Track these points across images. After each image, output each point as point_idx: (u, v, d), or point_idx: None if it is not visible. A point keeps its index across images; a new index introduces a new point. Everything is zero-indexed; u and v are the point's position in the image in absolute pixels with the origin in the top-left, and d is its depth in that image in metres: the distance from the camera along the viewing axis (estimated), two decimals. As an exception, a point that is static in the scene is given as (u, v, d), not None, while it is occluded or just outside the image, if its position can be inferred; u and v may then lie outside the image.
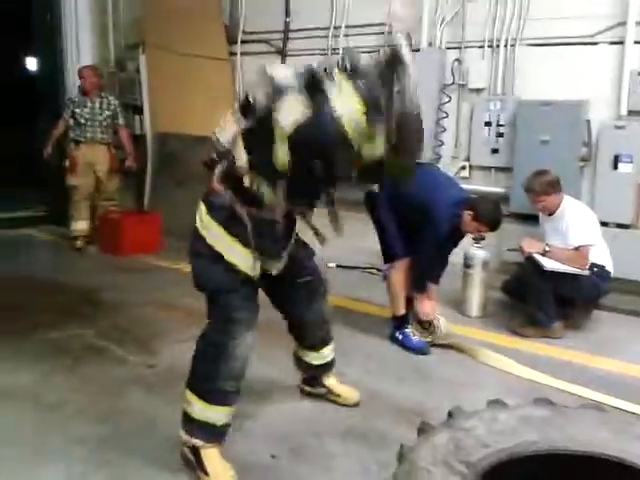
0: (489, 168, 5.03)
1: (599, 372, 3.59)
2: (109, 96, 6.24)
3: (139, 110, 7.09)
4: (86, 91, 6.10)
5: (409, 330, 3.91)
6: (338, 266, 5.63)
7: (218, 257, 2.47)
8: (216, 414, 2.49)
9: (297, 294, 2.89)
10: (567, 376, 3.47)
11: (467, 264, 4.42)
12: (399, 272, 3.86)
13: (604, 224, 4.48)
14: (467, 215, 3.65)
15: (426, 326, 3.88)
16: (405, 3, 2.20)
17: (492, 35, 4.91)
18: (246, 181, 2.41)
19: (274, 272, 2.60)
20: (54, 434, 2.79)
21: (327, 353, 3.10)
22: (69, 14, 7.07)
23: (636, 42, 4.36)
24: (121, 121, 6.26)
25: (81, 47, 7.18)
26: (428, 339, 3.87)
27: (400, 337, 3.89)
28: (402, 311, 3.94)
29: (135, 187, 7.38)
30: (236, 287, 2.48)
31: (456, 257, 4.51)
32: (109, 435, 2.79)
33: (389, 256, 3.91)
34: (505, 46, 4.85)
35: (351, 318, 4.35)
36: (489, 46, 4.93)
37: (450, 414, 2.21)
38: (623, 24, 4.38)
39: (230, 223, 2.44)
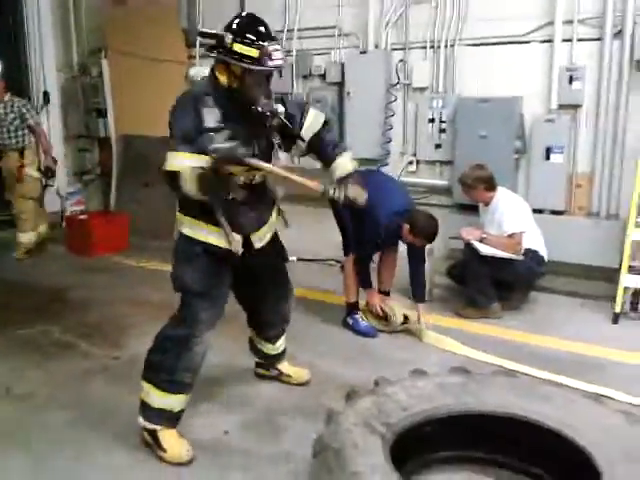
0: (434, 162, 5.32)
1: (534, 348, 3.91)
2: (14, 98, 5.91)
3: (103, 113, 7.25)
4: None
5: (358, 315, 4.21)
6: (299, 259, 5.89)
7: (190, 253, 2.70)
8: (173, 402, 2.74)
9: (266, 296, 3.16)
10: (504, 353, 3.78)
11: (412, 253, 4.72)
12: (350, 263, 4.19)
13: (539, 211, 4.81)
14: (405, 227, 3.95)
15: (382, 317, 4.16)
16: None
17: (433, 36, 5.18)
18: None
19: (257, 245, 2.81)
20: (23, 421, 3.05)
21: (279, 344, 3.38)
22: (32, 20, 7.15)
23: (564, 40, 4.65)
24: (31, 121, 5.89)
25: (44, 52, 7.29)
26: (385, 328, 4.16)
27: (350, 322, 4.21)
28: (353, 298, 4.25)
29: (101, 188, 7.59)
30: (206, 288, 2.71)
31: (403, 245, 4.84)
32: (74, 420, 3.06)
33: (347, 250, 4.23)
34: (445, 47, 5.13)
35: (307, 306, 4.63)
36: (431, 47, 5.20)
37: (376, 382, 2.52)
38: (551, 24, 4.68)
39: (194, 209, 2.66)
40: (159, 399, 2.72)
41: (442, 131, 5.14)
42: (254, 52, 2.48)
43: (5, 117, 5.80)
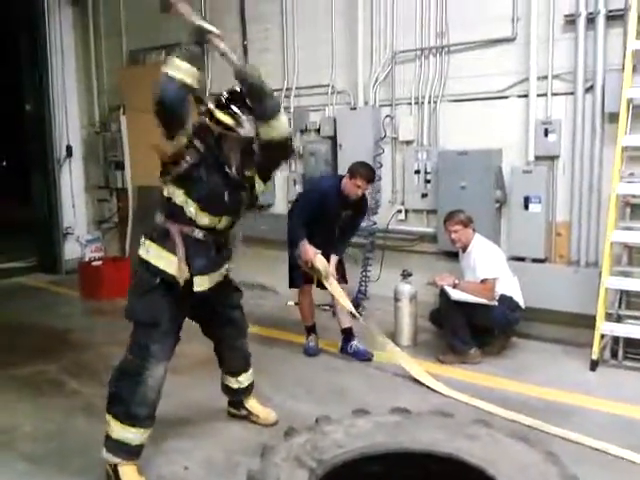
0: (421, 211, 5.51)
1: (507, 394, 3.98)
2: None
3: (121, 166, 7.72)
4: None
5: (311, 337, 4.83)
6: (296, 304, 6.08)
7: (145, 283, 2.90)
8: (130, 435, 2.89)
9: (221, 333, 3.41)
10: (476, 397, 3.87)
11: (396, 298, 4.88)
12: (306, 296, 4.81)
13: (520, 259, 4.93)
14: (344, 180, 4.45)
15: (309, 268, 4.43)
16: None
17: (418, 93, 5.44)
18: (165, 192, 2.93)
19: (197, 288, 2.90)
20: (6, 452, 3.29)
21: (243, 380, 3.56)
22: (56, 78, 7.75)
23: (539, 95, 4.84)
24: None
25: (68, 109, 7.88)
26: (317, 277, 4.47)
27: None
28: (309, 323, 4.88)
29: (118, 236, 7.99)
30: (157, 321, 2.89)
31: (389, 291, 5.02)
32: (52, 452, 3.29)
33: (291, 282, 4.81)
34: (429, 102, 5.38)
35: (293, 349, 4.83)
36: (415, 103, 5.46)
37: (316, 420, 2.66)
38: (527, 79, 4.89)
39: (160, 238, 2.92)
40: (118, 431, 2.89)
41: (427, 182, 5.35)
42: (229, 120, 2.81)
43: None
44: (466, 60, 5.22)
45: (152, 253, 2.93)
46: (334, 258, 4.58)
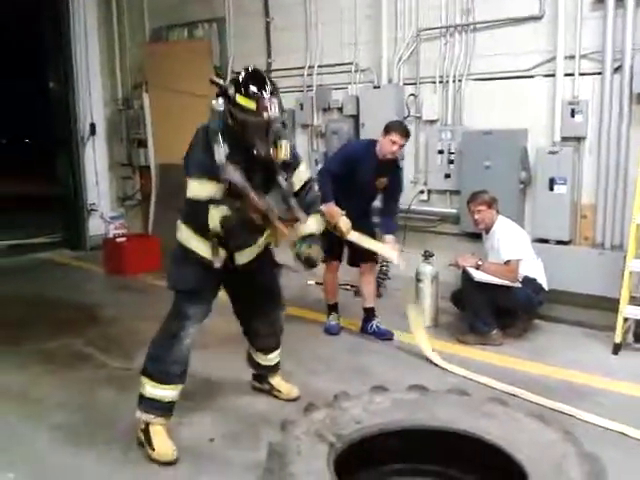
0: (444, 191, 5.49)
1: (528, 375, 3.97)
2: None
3: (144, 143, 7.77)
4: None
5: (331, 316, 4.83)
6: (317, 283, 6.13)
7: (184, 257, 3.03)
8: (163, 392, 3.06)
9: (254, 308, 3.46)
10: (496, 378, 3.87)
11: (418, 279, 4.89)
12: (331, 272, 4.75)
13: (544, 241, 4.90)
14: (379, 139, 4.35)
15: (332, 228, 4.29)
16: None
17: (443, 71, 5.39)
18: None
19: (239, 261, 3.06)
20: (32, 422, 3.40)
21: (272, 357, 3.64)
22: (80, 57, 7.81)
23: (566, 74, 4.77)
24: None
25: (92, 87, 7.93)
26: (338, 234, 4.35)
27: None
28: (331, 301, 4.86)
29: (142, 213, 8.08)
30: (196, 288, 3.05)
31: (410, 272, 5.02)
32: (78, 424, 3.39)
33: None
34: (454, 81, 5.33)
35: (314, 328, 4.88)
36: (440, 82, 5.41)
37: (335, 397, 2.71)
38: (554, 59, 4.82)
39: (194, 221, 2.97)
40: (151, 389, 3.06)
41: (451, 162, 5.32)
42: (252, 104, 2.77)
43: None
44: (492, 38, 5.15)
45: (188, 239, 3.03)
46: (389, 237, 4.51)
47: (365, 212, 4.59)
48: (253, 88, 2.78)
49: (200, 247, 3.00)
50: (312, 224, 3.11)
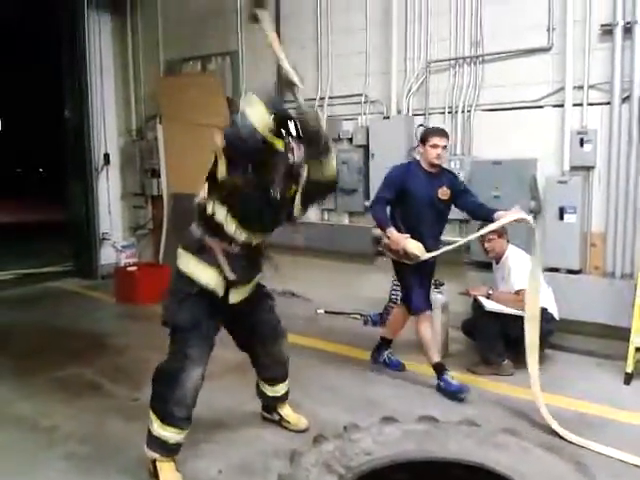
0: (455, 220, 5.50)
1: (534, 405, 3.92)
2: None
3: (157, 174, 7.88)
4: None
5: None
6: (326, 312, 6.14)
7: (182, 290, 3.00)
8: (168, 433, 3.02)
9: (253, 340, 3.46)
10: (508, 409, 3.88)
11: (428, 308, 4.87)
12: (426, 323, 4.25)
13: (555, 270, 4.89)
14: (420, 151, 4.24)
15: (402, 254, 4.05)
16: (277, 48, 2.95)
17: (452, 102, 5.46)
18: (208, 209, 2.99)
19: (231, 300, 3.06)
20: (44, 451, 3.40)
21: (279, 389, 3.62)
22: (95, 88, 7.96)
23: (575, 105, 4.83)
24: None
25: (106, 118, 8.08)
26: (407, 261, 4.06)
27: (442, 384, 4.14)
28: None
29: (153, 242, 8.15)
30: (195, 326, 3.00)
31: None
32: (89, 453, 3.38)
33: (403, 301, 4.41)
34: (463, 112, 5.39)
35: (323, 357, 4.86)
36: (449, 112, 5.48)
37: (345, 428, 2.70)
38: (563, 89, 4.87)
39: (199, 252, 3.00)
40: (157, 428, 3.02)
41: (461, 191, 5.33)
42: (280, 144, 2.82)
43: None
44: (501, 69, 5.23)
45: (191, 266, 3.02)
46: (500, 213, 4.03)
47: (437, 235, 4.31)
48: (283, 129, 2.82)
49: (202, 274, 2.98)
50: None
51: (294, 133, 2.84)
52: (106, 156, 8.07)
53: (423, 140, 4.18)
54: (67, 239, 8.54)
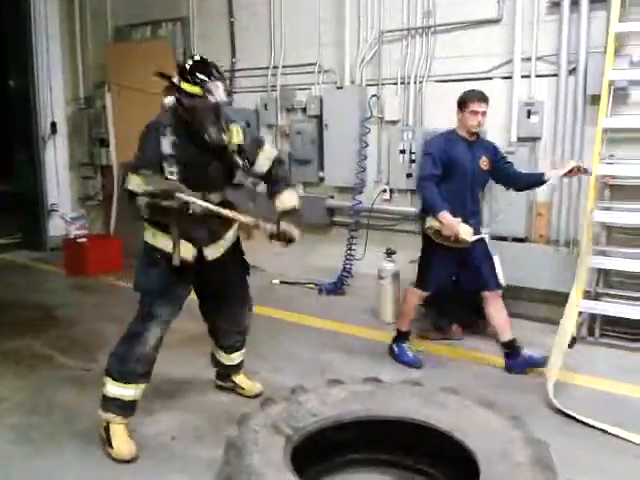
0: (406, 191, 5.58)
1: (483, 369, 4.10)
2: None
3: (106, 143, 7.68)
4: None
5: (406, 345, 4.20)
6: (282, 282, 6.18)
7: (150, 258, 3.05)
8: (123, 390, 3.06)
9: (221, 305, 3.48)
10: (450, 370, 4.02)
11: (380, 276, 4.97)
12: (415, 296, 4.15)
13: (502, 238, 5.02)
14: (458, 117, 3.93)
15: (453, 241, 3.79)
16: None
17: (404, 73, 5.48)
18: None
19: (208, 257, 3.11)
20: (-6, 422, 3.34)
21: (235, 357, 3.65)
22: (42, 55, 7.69)
23: (522, 76, 4.91)
24: None
25: (53, 85, 7.81)
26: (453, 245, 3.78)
27: (396, 350, 4.19)
28: (405, 328, 4.22)
29: (103, 213, 7.99)
30: (160, 290, 3.05)
31: (373, 270, 5.11)
32: (39, 423, 3.35)
33: (417, 282, 4.14)
34: (415, 82, 5.43)
35: (278, 325, 4.92)
36: (402, 83, 5.51)
37: (292, 390, 2.76)
38: (511, 61, 4.95)
39: (157, 222, 3.01)
40: (112, 388, 3.06)
41: (412, 161, 5.39)
42: (197, 89, 2.85)
43: None
44: (451, 41, 5.26)
45: (152, 235, 3.07)
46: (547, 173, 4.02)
47: (478, 212, 4.11)
48: (198, 74, 2.87)
49: (162, 242, 3.03)
50: (289, 199, 3.14)
51: (211, 75, 2.87)
52: (53, 125, 7.82)
53: (461, 105, 3.89)
54: (15, 210, 8.29)
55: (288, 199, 3.15)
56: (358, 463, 2.66)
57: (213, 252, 3.16)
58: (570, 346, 4.42)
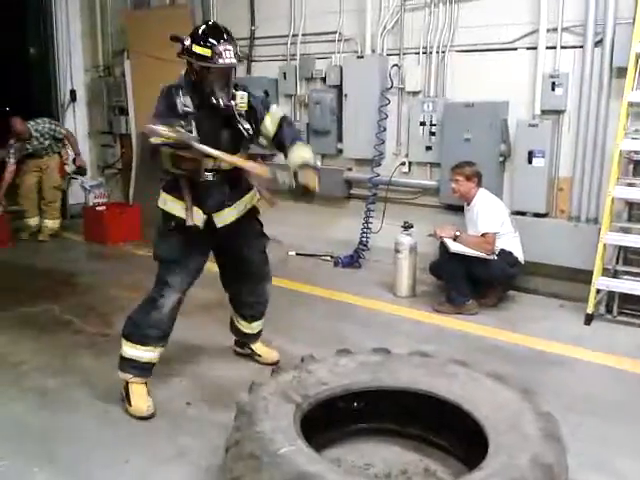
0: (425, 164, 5.50)
1: (498, 343, 4.08)
2: (37, 125, 6.62)
3: (125, 111, 7.67)
4: None
5: None
6: (298, 254, 6.18)
7: (166, 227, 3.10)
8: (139, 352, 3.13)
9: (240, 276, 3.50)
10: (467, 346, 3.98)
11: (397, 249, 4.94)
12: None
13: (522, 213, 4.95)
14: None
15: None
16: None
17: (426, 42, 5.36)
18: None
19: (218, 224, 3.10)
20: (11, 386, 3.41)
21: (255, 326, 3.69)
22: (61, 22, 7.66)
23: (548, 47, 4.78)
24: (63, 132, 6.85)
25: (72, 53, 7.80)
26: None
27: None
28: None
29: (122, 182, 8.02)
30: (176, 258, 3.09)
31: (389, 243, 5.08)
32: (58, 386, 3.41)
33: None
34: (437, 52, 5.31)
35: (294, 296, 4.93)
36: (423, 52, 5.39)
37: (302, 359, 2.77)
38: (536, 31, 4.81)
39: (170, 187, 3.07)
40: (128, 349, 3.13)
41: (432, 134, 5.32)
42: (207, 52, 2.86)
43: (43, 143, 6.62)
44: (476, 10, 5.12)
45: (165, 202, 3.11)
46: None
47: None
48: (208, 37, 2.88)
49: (175, 208, 3.05)
50: (303, 152, 3.01)
51: (221, 39, 2.87)
52: (72, 93, 7.82)
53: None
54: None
55: (301, 153, 3.01)
56: (366, 432, 2.67)
57: (223, 219, 3.14)
58: (587, 323, 4.40)
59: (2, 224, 6.52)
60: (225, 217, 3.16)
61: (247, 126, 3.06)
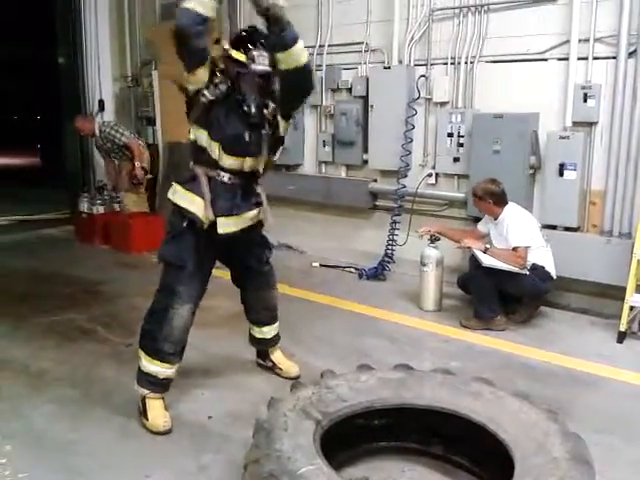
0: (452, 175, 5.41)
1: (527, 361, 3.96)
2: (103, 127, 6.93)
3: (152, 121, 7.73)
4: None
5: None
6: (322, 265, 6.12)
7: (177, 227, 2.98)
8: (157, 368, 3.06)
9: (247, 281, 3.48)
10: (495, 363, 3.88)
11: (423, 262, 4.85)
12: None
13: (552, 227, 4.83)
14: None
15: None
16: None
17: (454, 53, 5.29)
18: (190, 135, 2.99)
19: (221, 230, 2.95)
20: (33, 395, 3.40)
21: (266, 330, 3.64)
22: (90, 33, 7.78)
23: (579, 58, 4.67)
24: (123, 139, 6.93)
25: (101, 63, 7.89)
26: None
27: None
28: None
29: (149, 191, 8.05)
30: (184, 263, 2.99)
31: (415, 256, 4.99)
32: (79, 396, 3.40)
33: None
34: (466, 63, 5.23)
35: (317, 309, 4.87)
36: (451, 63, 5.32)
37: (321, 375, 2.71)
38: (568, 42, 4.71)
39: (187, 181, 3.00)
40: (146, 364, 3.07)
41: (460, 145, 5.24)
42: (241, 56, 2.87)
43: (105, 145, 6.91)
44: (506, 20, 5.04)
45: (178, 195, 3.02)
46: None
47: None
48: (245, 42, 2.87)
49: (184, 199, 2.97)
50: None
51: (257, 43, 2.84)
52: (101, 102, 7.91)
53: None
54: (63, 187, 8.46)
55: None
56: (388, 450, 2.60)
57: (226, 226, 2.99)
58: (620, 341, 4.26)
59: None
60: (229, 225, 3.01)
61: (269, 136, 3.04)
